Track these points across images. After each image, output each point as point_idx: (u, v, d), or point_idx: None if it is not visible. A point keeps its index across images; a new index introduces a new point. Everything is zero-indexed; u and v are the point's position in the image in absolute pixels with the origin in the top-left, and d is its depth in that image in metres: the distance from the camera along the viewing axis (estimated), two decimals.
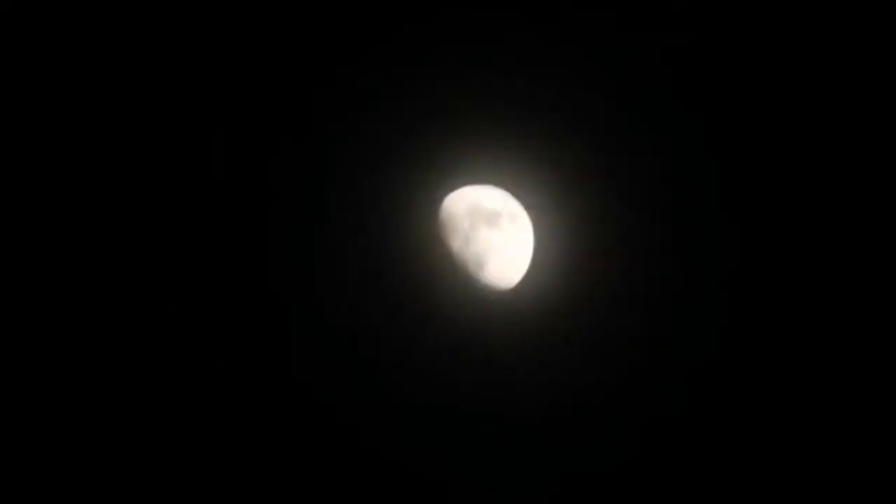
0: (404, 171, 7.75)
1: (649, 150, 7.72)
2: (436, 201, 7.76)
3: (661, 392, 7.83)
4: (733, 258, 7.72)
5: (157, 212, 7.65)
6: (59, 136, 7.61)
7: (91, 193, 7.62)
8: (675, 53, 7.65)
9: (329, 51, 7.69)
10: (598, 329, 7.82)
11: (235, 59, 7.70)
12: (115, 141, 7.64)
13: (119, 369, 7.60)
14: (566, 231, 7.79)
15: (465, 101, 7.73)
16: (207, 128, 7.68)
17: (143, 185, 7.65)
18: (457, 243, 7.77)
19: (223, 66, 7.70)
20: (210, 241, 7.68)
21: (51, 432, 7.52)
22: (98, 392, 7.57)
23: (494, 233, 7.78)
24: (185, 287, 7.66)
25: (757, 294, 7.76)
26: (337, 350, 7.76)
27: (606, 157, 7.75)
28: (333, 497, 7.71)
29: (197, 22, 7.62)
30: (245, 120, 7.73)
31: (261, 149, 7.74)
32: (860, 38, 7.55)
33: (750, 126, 7.67)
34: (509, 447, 7.78)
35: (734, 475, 7.77)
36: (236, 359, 7.68)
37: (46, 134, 7.59)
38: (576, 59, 7.70)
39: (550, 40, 7.68)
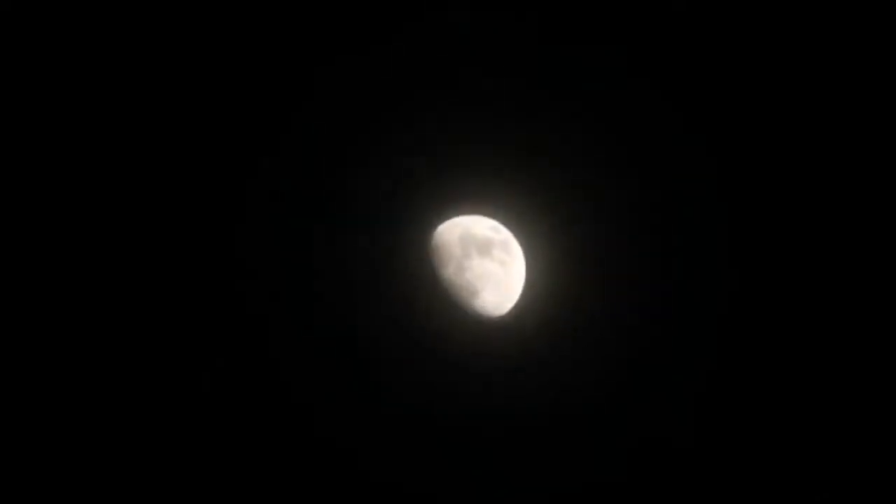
0: (397, 201, 7.84)
1: (640, 180, 7.84)
2: (428, 230, 7.87)
3: (651, 416, 7.92)
4: (724, 286, 7.83)
5: (153, 217, 7.67)
6: (59, 135, 7.62)
7: (91, 193, 7.64)
8: (664, 82, 7.77)
9: (324, 81, 7.78)
10: (588, 355, 7.92)
11: (229, 94, 7.78)
12: (115, 141, 7.65)
13: (120, 369, 7.62)
14: (557, 259, 7.90)
15: (458, 132, 7.84)
16: (205, 145, 7.73)
17: (142, 187, 7.67)
18: (449, 271, 7.87)
19: (219, 96, 7.78)
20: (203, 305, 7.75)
21: (50, 431, 7.54)
22: (98, 392, 7.59)
23: (486, 261, 7.89)
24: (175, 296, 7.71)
25: (749, 324, 7.87)
26: (332, 374, 7.83)
27: (596, 186, 7.87)
28: None
29: (199, 33, 7.66)
30: (240, 149, 7.79)
31: (256, 177, 7.81)
32: (858, 40, 7.67)
33: (741, 156, 7.80)
34: (500, 469, 7.86)
35: (730, 490, 7.88)
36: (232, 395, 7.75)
37: (46, 134, 7.61)
38: (567, 93, 7.81)
39: (541, 72, 7.80)
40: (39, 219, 7.62)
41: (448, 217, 7.89)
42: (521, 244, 7.90)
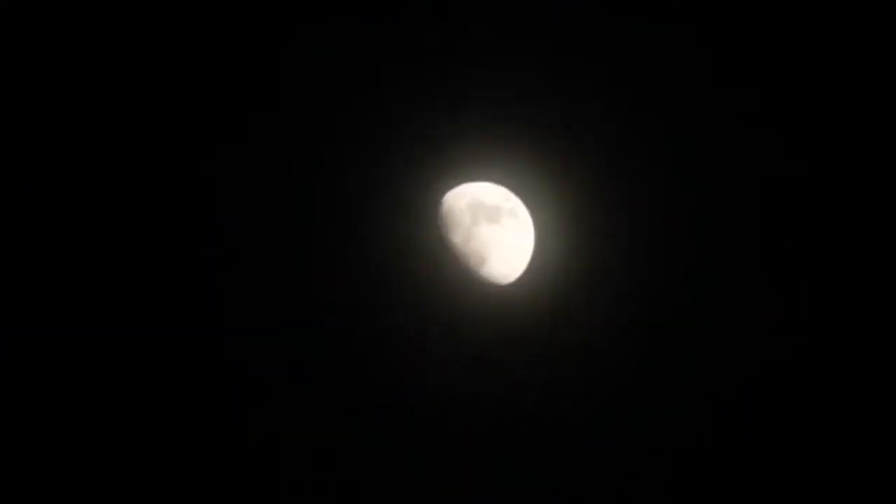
0: (406, 168, 7.84)
1: (649, 148, 7.89)
2: (437, 198, 7.86)
3: (659, 386, 7.94)
4: (732, 253, 7.89)
5: (156, 210, 7.65)
6: (59, 135, 7.59)
7: (91, 193, 7.61)
8: (674, 53, 7.83)
9: (331, 50, 7.78)
10: (597, 322, 7.93)
11: (235, 55, 7.76)
12: (115, 140, 7.63)
13: (121, 369, 7.57)
14: (566, 227, 7.91)
15: (467, 99, 7.86)
16: (207, 125, 7.71)
17: (142, 184, 7.65)
18: (458, 239, 7.86)
19: (223, 64, 7.75)
20: (216, 234, 7.70)
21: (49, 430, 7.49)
22: (98, 391, 7.54)
23: (495, 229, 7.88)
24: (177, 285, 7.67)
25: (756, 287, 7.91)
26: (338, 343, 7.79)
27: (606, 154, 7.91)
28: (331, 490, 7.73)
29: (198, 19, 7.67)
30: (245, 117, 7.77)
31: (262, 146, 7.79)
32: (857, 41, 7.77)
33: (748, 125, 7.86)
34: (509, 441, 7.85)
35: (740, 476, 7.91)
36: (243, 348, 7.70)
37: (46, 133, 7.58)
38: (576, 61, 7.86)
39: (551, 40, 7.84)
40: (39, 219, 7.58)
41: (457, 184, 7.88)
42: (530, 212, 7.91)
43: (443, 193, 7.88)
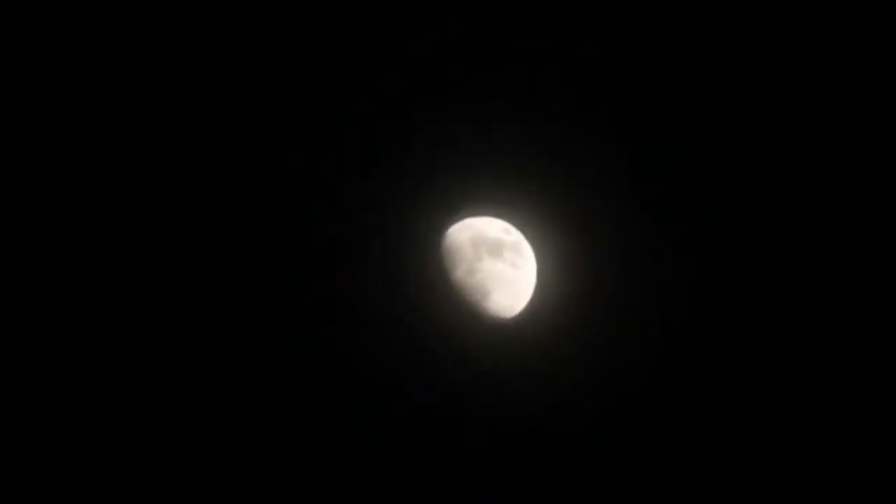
0: (409, 203, 7.86)
1: (651, 184, 7.92)
2: (440, 232, 7.88)
3: (661, 420, 7.91)
4: (737, 291, 7.89)
5: (155, 216, 7.63)
6: (59, 135, 7.58)
7: (91, 193, 7.59)
8: (680, 86, 7.90)
9: (335, 82, 7.83)
10: (599, 357, 7.91)
11: (238, 91, 7.80)
12: (116, 141, 7.62)
13: (122, 370, 7.51)
14: (569, 260, 7.93)
15: (469, 134, 7.90)
16: (209, 149, 7.73)
17: (143, 187, 7.63)
18: (461, 273, 7.87)
19: (225, 95, 7.79)
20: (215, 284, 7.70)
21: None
22: (100, 391, 7.48)
23: (498, 263, 7.90)
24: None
25: (761, 328, 7.92)
26: (341, 376, 7.76)
27: (608, 189, 7.94)
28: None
29: (201, 28, 7.68)
30: (252, 152, 7.80)
31: (267, 180, 7.80)
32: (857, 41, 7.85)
33: (746, 153, 7.92)
34: (507, 470, 7.80)
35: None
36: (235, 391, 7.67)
37: (46, 133, 7.57)
38: (579, 96, 7.92)
39: (554, 76, 7.90)
40: (39, 219, 7.56)
41: (459, 219, 7.91)
42: (533, 246, 7.93)
43: (445, 228, 7.90)
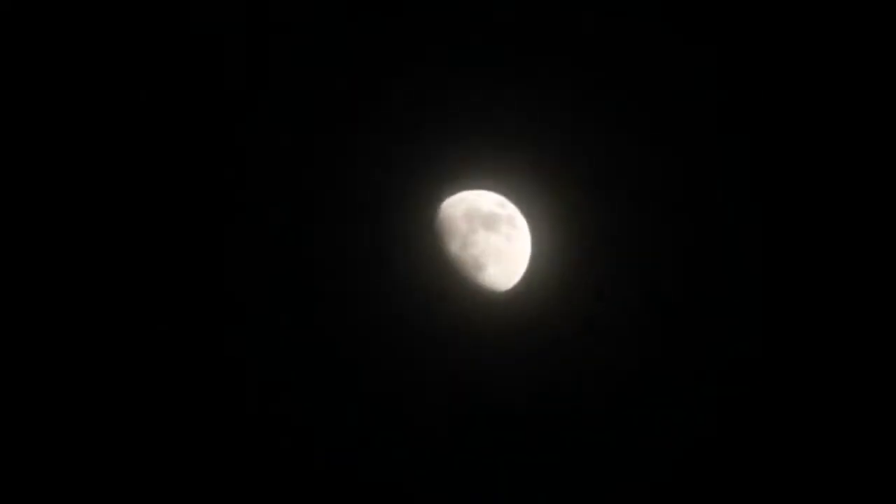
0: (403, 176, 7.85)
1: (644, 153, 7.91)
2: (434, 205, 7.87)
3: (656, 392, 7.94)
4: (734, 256, 7.89)
5: (159, 211, 7.65)
6: (59, 135, 7.59)
7: (91, 193, 7.61)
8: (672, 56, 7.87)
9: (331, 57, 7.81)
10: (593, 330, 7.93)
11: (239, 63, 7.78)
12: (116, 141, 7.64)
13: (123, 371, 7.56)
14: (563, 233, 7.93)
15: (464, 106, 7.88)
16: (208, 131, 7.73)
17: (143, 185, 7.65)
18: (455, 246, 7.87)
19: (217, 69, 7.77)
20: (210, 238, 7.69)
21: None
22: (100, 392, 7.53)
23: (492, 236, 7.90)
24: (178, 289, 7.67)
25: (760, 290, 7.92)
26: (336, 351, 7.79)
27: (602, 160, 7.93)
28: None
29: (203, 23, 7.68)
30: (246, 125, 7.79)
31: (263, 152, 7.80)
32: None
33: (745, 130, 7.90)
34: (507, 444, 7.84)
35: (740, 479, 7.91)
36: (238, 350, 7.69)
37: (46, 133, 7.58)
38: (573, 67, 7.89)
39: (548, 47, 7.87)
40: (39, 218, 7.58)
41: (453, 192, 7.90)
42: (527, 219, 7.92)
43: (439, 201, 7.89)
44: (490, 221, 7.91)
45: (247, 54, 7.73)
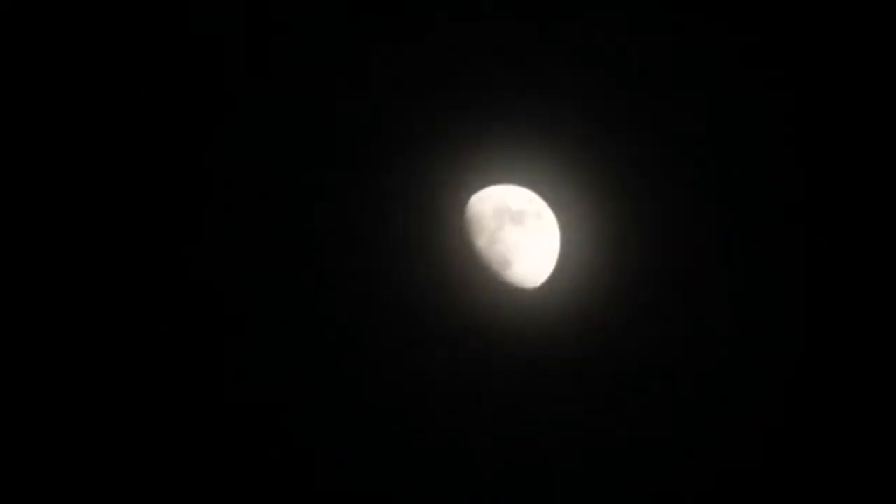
0: (431, 171, 7.79)
1: (677, 149, 7.78)
2: (462, 201, 7.80)
3: (684, 389, 7.83)
4: (766, 252, 7.76)
5: (159, 211, 7.66)
6: (59, 135, 7.61)
7: (91, 193, 7.63)
8: (700, 52, 7.72)
9: (358, 49, 7.75)
10: (621, 328, 7.83)
11: (255, 51, 7.74)
12: (116, 141, 7.65)
13: (123, 371, 7.61)
14: (591, 230, 7.82)
15: (492, 101, 7.79)
16: (209, 131, 7.71)
17: (142, 185, 7.65)
18: (483, 242, 7.80)
19: (242, 58, 7.74)
20: (210, 238, 7.69)
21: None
22: (101, 392, 7.58)
23: (520, 232, 7.81)
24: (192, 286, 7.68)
25: (784, 297, 7.79)
26: (360, 346, 7.77)
27: (631, 156, 7.81)
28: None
29: (203, 23, 7.66)
30: (269, 118, 7.77)
31: (287, 147, 7.78)
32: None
33: (775, 123, 7.74)
34: (534, 442, 7.80)
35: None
36: (256, 346, 7.70)
37: (46, 133, 7.60)
38: (602, 62, 7.77)
39: (576, 43, 7.75)
40: (39, 219, 7.62)
41: (482, 187, 7.82)
42: (556, 215, 7.82)
43: (467, 197, 7.81)
44: (518, 217, 7.82)
45: (247, 54, 7.69)
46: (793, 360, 7.77)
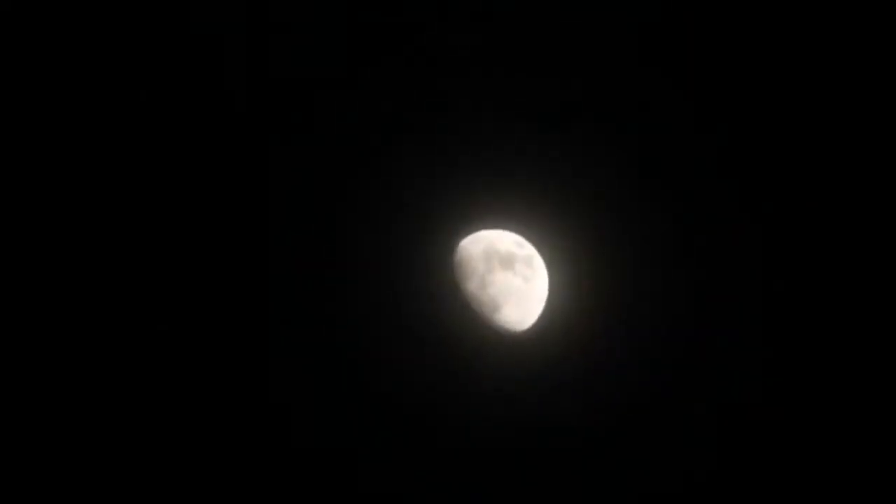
0: (420, 215, 7.85)
1: (667, 198, 7.78)
2: (452, 244, 7.87)
3: (675, 437, 7.83)
4: (751, 303, 7.73)
5: (159, 211, 7.71)
6: (59, 135, 7.68)
7: (91, 193, 7.69)
8: (695, 98, 7.72)
9: (344, 95, 7.82)
10: (611, 371, 7.85)
11: (239, 63, 7.78)
12: (116, 141, 7.71)
13: (123, 371, 7.68)
14: (581, 274, 7.85)
15: (481, 145, 7.84)
16: (208, 130, 7.75)
17: (142, 185, 7.71)
18: (472, 286, 7.86)
19: (242, 58, 7.79)
20: (210, 237, 7.74)
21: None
22: (101, 391, 7.66)
23: (510, 276, 7.86)
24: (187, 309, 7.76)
25: (781, 341, 7.76)
26: (351, 390, 7.86)
27: (619, 201, 7.81)
28: None
29: (203, 23, 7.69)
30: (262, 164, 7.85)
31: (276, 192, 7.87)
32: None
33: (764, 166, 7.72)
34: (519, 486, 7.83)
35: None
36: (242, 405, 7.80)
37: (46, 133, 7.66)
38: (588, 107, 7.79)
39: (562, 88, 7.77)
40: (39, 219, 7.67)
41: (472, 231, 7.88)
42: (545, 259, 7.86)
43: (457, 241, 7.88)
44: (507, 261, 7.87)
45: (247, 54, 7.74)
46: (804, 400, 7.74)
